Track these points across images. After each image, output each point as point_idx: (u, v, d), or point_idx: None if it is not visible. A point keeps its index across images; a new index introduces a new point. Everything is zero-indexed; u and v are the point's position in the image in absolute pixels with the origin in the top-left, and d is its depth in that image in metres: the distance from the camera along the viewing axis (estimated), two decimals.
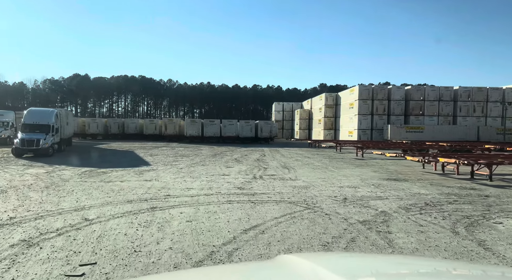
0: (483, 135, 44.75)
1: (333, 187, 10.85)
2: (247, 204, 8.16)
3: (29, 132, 21.62)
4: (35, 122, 22.41)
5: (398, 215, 7.21)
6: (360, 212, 7.43)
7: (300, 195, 9.42)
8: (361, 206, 8.05)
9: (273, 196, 9.26)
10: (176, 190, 9.99)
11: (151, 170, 14.89)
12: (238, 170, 15.30)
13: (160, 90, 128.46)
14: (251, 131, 42.79)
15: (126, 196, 8.93)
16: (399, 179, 13.13)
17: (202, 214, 7.09)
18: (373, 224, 6.55)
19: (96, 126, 45.98)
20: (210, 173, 14.07)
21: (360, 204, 8.26)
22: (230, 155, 23.79)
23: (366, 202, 8.57)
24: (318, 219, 6.80)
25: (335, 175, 14.19)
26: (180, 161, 19.07)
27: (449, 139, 42.45)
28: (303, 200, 8.64)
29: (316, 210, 7.54)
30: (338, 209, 7.68)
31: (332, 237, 5.70)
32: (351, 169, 16.72)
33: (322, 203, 8.37)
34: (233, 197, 9.03)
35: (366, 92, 47.18)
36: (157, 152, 25.48)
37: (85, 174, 13.42)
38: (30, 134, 21.46)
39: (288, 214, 7.20)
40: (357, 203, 8.42)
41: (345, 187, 10.98)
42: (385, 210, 7.63)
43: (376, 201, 8.64)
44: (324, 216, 7.05)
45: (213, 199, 8.68)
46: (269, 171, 15.05)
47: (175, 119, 45.53)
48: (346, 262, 1.81)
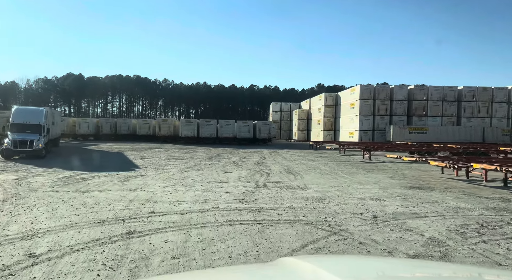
0: (488, 136, 43.22)
1: (353, 199, 9.05)
2: (253, 226, 6.33)
3: (20, 133, 19.87)
4: (25, 122, 20.66)
5: (456, 245, 5.42)
6: (403, 240, 5.64)
7: (317, 211, 7.61)
8: (400, 229, 6.25)
9: (284, 212, 7.45)
10: (163, 204, 8.15)
11: (139, 176, 13.03)
12: (237, 176, 13.49)
13: (156, 90, 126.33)
14: (249, 131, 40.92)
15: (99, 214, 7.07)
16: (423, 188, 11.37)
17: (194, 245, 5.25)
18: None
19: (87, 126, 43.92)
20: (205, 180, 12.23)
21: (397, 226, 6.46)
22: (228, 158, 21.97)
23: (403, 222, 6.77)
24: (353, 253, 4.99)
25: (348, 182, 12.41)
26: (173, 165, 17.22)
27: (454, 140, 40.98)
28: (323, 220, 6.82)
29: (344, 236, 5.73)
30: (372, 235, 5.88)
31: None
32: (363, 174, 14.96)
33: (348, 224, 6.56)
34: (235, 214, 7.21)
35: (367, 91, 45.52)
36: (149, 154, 23.59)
37: (60, 181, 11.54)
38: (23, 134, 19.74)
39: (309, 243, 5.37)
40: (392, 223, 6.62)
41: (366, 199, 9.19)
42: (434, 236, 5.83)
43: (416, 221, 6.85)
44: (358, 247, 5.25)
45: (209, 218, 6.85)
46: (273, 177, 13.24)
47: (169, 119, 43.56)
48: (347, 264, 1.77)
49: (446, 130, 43.35)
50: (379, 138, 44.43)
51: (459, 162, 13.29)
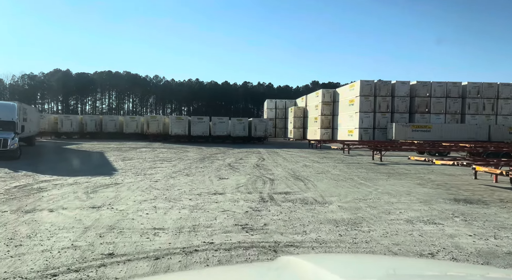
0: (494, 134, 41.28)
1: (399, 223, 6.55)
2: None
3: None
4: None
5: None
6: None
7: (362, 249, 5.11)
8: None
9: (312, 252, 4.94)
10: (133, 235, 5.58)
11: (112, 185, 10.40)
12: (235, 184, 10.94)
13: (146, 86, 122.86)
14: (244, 129, 38.29)
15: (21, 261, 4.46)
16: (472, 201, 8.93)
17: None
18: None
19: (70, 124, 40.89)
20: (195, 191, 9.66)
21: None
22: (222, 159, 19.40)
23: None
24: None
25: (374, 192, 9.94)
26: (158, 169, 14.61)
27: (458, 138, 39.04)
28: None
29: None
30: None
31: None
32: (385, 180, 12.51)
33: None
34: (239, 257, 4.68)
35: (368, 87, 43.24)
36: (133, 155, 20.91)
37: (7, 193, 8.89)
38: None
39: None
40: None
41: (416, 222, 6.69)
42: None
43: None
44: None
45: (199, 267, 4.32)
46: (279, 186, 10.71)
47: (158, 116, 40.74)
48: (348, 263, 1.75)
49: (451, 128, 41.25)
50: (380, 137, 42.33)
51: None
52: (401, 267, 1.70)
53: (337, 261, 1.81)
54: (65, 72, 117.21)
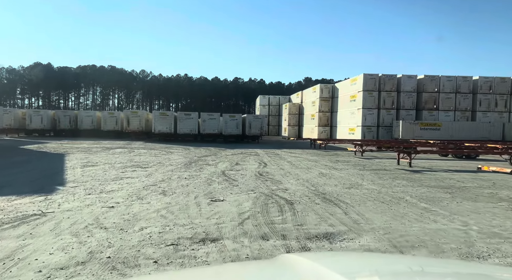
0: (509, 133, 38.12)
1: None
2: None
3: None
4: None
5: None
6: None
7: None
8: None
9: None
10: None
11: (32, 218, 6.25)
12: (236, 212, 6.90)
13: (133, 81, 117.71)
14: (237, 127, 34.17)
15: None
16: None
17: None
18: None
19: (40, 120, 36.19)
20: (171, 233, 5.57)
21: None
22: (214, 164, 15.32)
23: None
24: None
25: (469, 232, 6.02)
26: (126, 180, 10.46)
27: (470, 137, 35.82)
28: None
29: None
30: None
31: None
32: (453, 202, 8.57)
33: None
34: None
35: (372, 82, 39.57)
36: (101, 159, 16.67)
37: None
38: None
39: None
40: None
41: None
42: None
43: None
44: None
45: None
46: (307, 217, 6.69)
47: (140, 111, 36.26)
48: (347, 261, 1.73)
49: (462, 126, 37.88)
50: (385, 135, 38.85)
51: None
52: (402, 264, 1.65)
53: (337, 259, 1.79)
54: (46, 65, 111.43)
